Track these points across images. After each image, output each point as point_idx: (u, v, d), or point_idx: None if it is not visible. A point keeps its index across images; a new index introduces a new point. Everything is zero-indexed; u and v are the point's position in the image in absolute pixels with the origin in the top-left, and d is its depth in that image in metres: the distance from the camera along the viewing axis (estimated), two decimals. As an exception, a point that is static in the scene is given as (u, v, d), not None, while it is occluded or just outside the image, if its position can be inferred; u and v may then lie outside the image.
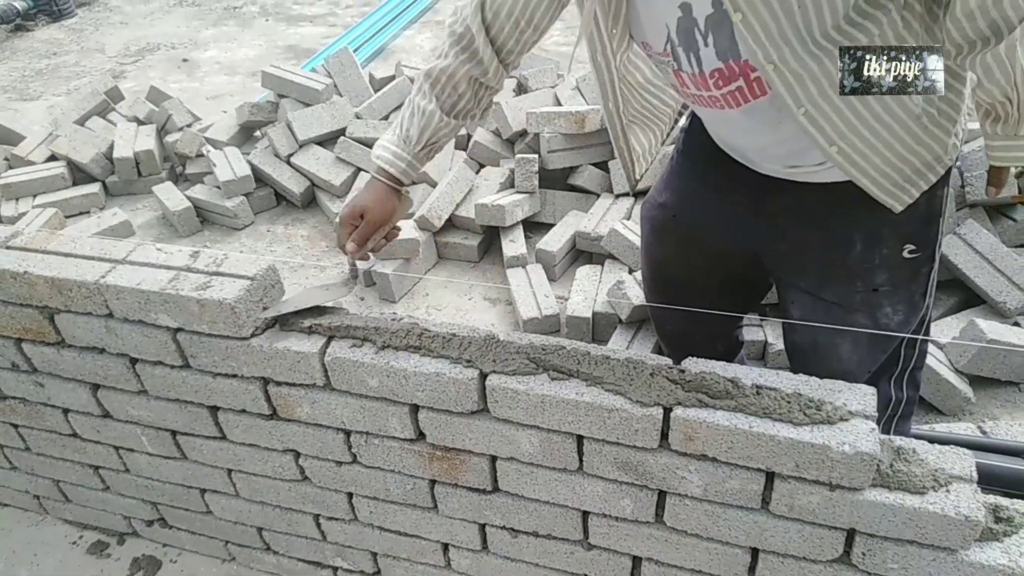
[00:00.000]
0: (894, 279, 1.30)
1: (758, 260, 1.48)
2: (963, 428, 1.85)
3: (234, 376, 1.33)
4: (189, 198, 3.26)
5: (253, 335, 1.27)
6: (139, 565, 1.84)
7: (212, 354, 1.30)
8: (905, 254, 1.27)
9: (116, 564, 1.84)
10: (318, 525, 1.58)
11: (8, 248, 1.40)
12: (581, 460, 1.19)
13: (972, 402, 2.06)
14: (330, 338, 1.27)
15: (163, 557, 1.85)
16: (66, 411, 1.57)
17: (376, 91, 3.55)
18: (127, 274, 1.29)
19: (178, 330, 1.30)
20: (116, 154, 3.44)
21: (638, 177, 1.47)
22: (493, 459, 1.27)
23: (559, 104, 3.13)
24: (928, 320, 1.47)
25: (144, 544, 1.88)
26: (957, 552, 1.03)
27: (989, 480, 1.32)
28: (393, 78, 3.68)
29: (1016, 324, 2.19)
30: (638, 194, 2.85)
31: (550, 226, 2.91)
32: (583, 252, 2.83)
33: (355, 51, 4.08)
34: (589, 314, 2.38)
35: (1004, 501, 1.08)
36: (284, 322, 1.30)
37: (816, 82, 1.02)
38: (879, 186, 1.15)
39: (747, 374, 1.10)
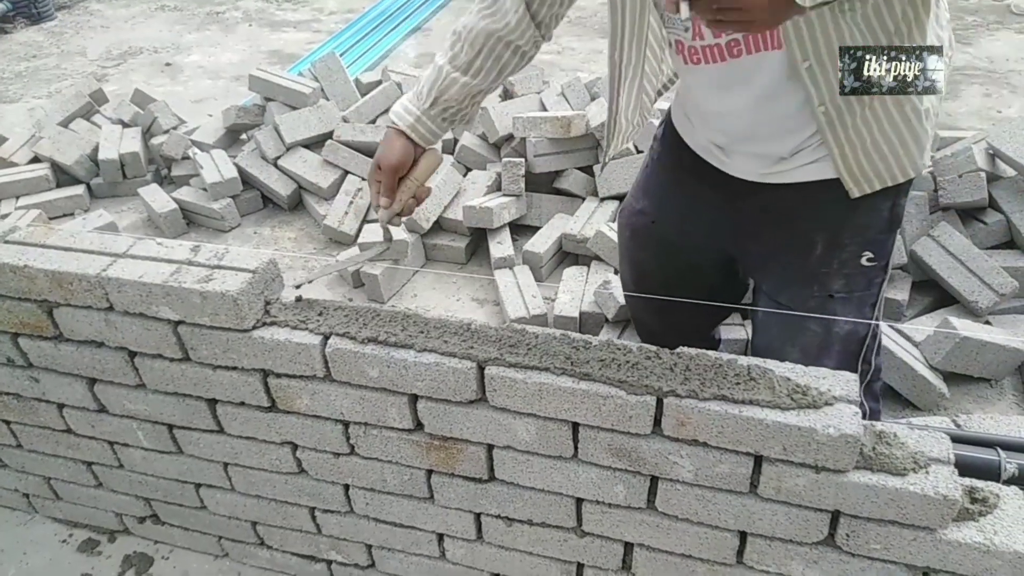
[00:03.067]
0: (849, 285, 1.33)
1: (733, 265, 1.51)
2: (938, 422, 1.91)
3: (234, 368, 1.34)
4: (175, 200, 3.26)
5: (255, 327, 1.29)
6: (130, 562, 1.84)
7: (213, 346, 1.32)
8: (863, 261, 1.30)
9: (107, 562, 1.84)
10: (313, 518, 1.60)
11: (7, 242, 1.41)
12: (576, 447, 1.23)
13: (947, 398, 2.13)
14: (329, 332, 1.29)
15: (155, 554, 1.85)
16: (61, 406, 1.57)
17: (363, 95, 3.58)
18: (129, 267, 1.31)
19: (179, 323, 1.32)
20: (101, 156, 3.42)
21: (613, 150, 1.47)
22: (490, 448, 1.30)
23: (544, 109, 3.18)
24: (879, 335, 1.49)
25: (135, 541, 1.88)
26: (936, 531, 1.08)
27: (964, 469, 1.37)
28: (379, 83, 3.71)
29: (987, 322, 2.27)
30: (620, 197, 2.91)
31: (536, 229, 2.95)
32: (569, 254, 2.88)
33: (340, 55, 4.10)
34: (576, 313, 2.42)
35: (979, 483, 1.13)
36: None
37: (826, 36, 1.01)
38: (847, 164, 1.17)
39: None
